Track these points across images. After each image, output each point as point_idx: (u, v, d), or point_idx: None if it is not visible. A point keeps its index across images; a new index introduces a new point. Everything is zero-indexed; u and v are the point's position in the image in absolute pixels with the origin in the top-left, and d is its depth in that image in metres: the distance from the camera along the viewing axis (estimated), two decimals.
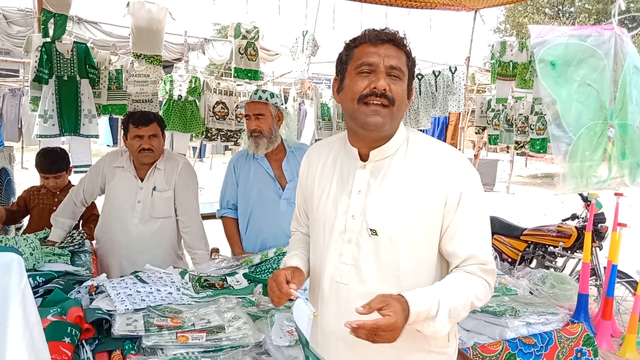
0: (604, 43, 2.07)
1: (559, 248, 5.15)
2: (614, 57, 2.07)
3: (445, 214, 1.50)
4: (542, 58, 1.99)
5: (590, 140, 2.04)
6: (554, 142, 2.04)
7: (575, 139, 2.02)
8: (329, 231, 1.59)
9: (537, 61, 2.00)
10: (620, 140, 2.11)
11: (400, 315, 1.32)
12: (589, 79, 2.01)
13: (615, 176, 2.16)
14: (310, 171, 1.71)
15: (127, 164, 3.04)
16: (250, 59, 5.82)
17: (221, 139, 6.09)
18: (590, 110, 2.02)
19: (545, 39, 1.99)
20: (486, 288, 1.51)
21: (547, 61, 1.98)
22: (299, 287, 1.56)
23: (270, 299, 1.57)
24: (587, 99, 2.02)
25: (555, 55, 1.98)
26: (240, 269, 2.73)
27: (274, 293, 1.54)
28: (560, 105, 1.97)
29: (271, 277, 1.58)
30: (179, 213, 3.08)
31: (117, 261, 3.02)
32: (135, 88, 5.41)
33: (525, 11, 24.33)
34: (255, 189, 3.12)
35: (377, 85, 1.45)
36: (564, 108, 1.98)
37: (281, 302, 1.54)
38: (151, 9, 5.16)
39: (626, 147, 2.12)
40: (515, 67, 5.86)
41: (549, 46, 1.99)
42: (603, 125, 2.06)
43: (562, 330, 2.43)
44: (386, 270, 1.51)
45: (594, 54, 2.02)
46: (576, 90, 2.01)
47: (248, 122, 3.09)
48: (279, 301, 1.54)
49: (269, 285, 1.57)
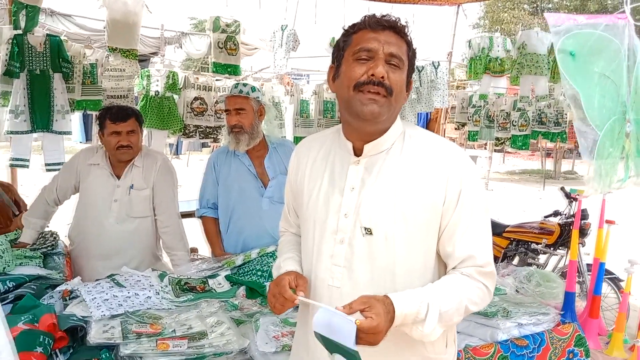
0: (619, 33, 2.01)
1: (541, 245, 5.15)
2: (627, 47, 2.01)
3: (444, 213, 1.42)
4: (561, 48, 1.91)
5: (612, 136, 1.98)
6: (581, 139, 1.97)
7: (601, 135, 1.95)
8: (320, 231, 1.50)
9: (557, 51, 1.92)
10: (635, 136, 2.05)
11: (383, 317, 1.25)
12: (607, 70, 1.94)
13: (632, 175, 2.10)
14: (300, 167, 1.62)
15: (102, 162, 2.90)
16: (230, 53, 5.69)
17: (199, 135, 5.95)
18: (611, 104, 1.96)
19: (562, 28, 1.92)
20: (483, 291, 1.43)
21: (567, 51, 1.91)
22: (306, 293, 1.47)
23: (271, 306, 1.48)
24: (607, 92, 1.96)
25: (574, 45, 1.91)
26: (222, 270, 2.63)
27: (276, 299, 1.45)
28: (583, 98, 1.90)
29: (273, 283, 1.49)
30: (157, 212, 2.96)
31: (91, 263, 2.88)
32: (110, 83, 5.25)
33: (504, 7, 24.50)
34: (237, 187, 3.01)
35: (375, 72, 1.37)
36: (587, 102, 1.91)
37: (284, 310, 1.45)
38: (127, 1, 4.99)
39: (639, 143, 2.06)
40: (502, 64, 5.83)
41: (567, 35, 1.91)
42: (622, 120, 2.00)
43: (553, 330, 2.39)
44: (381, 273, 1.43)
45: (610, 44, 1.95)
46: (597, 83, 1.94)
47: (228, 117, 2.98)
48: (282, 308, 1.45)
49: (271, 291, 1.48)
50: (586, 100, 1.91)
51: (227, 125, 3.00)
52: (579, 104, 1.92)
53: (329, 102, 5.78)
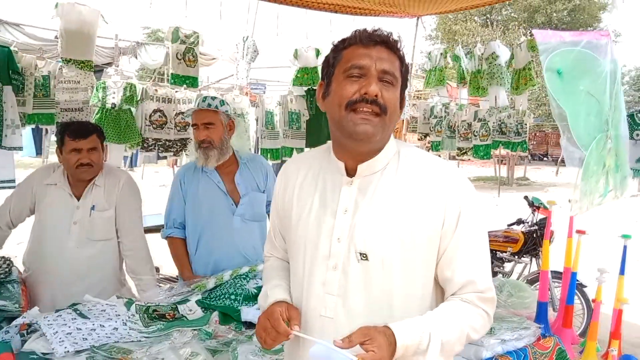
0: (601, 50, 2.02)
1: (506, 253, 5.21)
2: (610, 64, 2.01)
3: (443, 236, 1.35)
4: (548, 66, 1.90)
5: (597, 154, 1.97)
6: (568, 158, 1.95)
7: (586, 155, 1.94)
8: (311, 256, 1.41)
9: (545, 70, 1.91)
10: (614, 152, 2.05)
11: (385, 350, 1.18)
12: (592, 88, 1.95)
13: (611, 189, 2.10)
14: (288, 188, 1.51)
15: (61, 181, 2.71)
16: (189, 64, 5.55)
17: (159, 149, 5.75)
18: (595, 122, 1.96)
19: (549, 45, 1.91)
20: (484, 318, 1.37)
21: (554, 69, 1.90)
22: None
23: (261, 340, 1.38)
24: (592, 110, 1.95)
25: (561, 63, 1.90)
26: (192, 295, 2.49)
27: (267, 334, 1.35)
28: (570, 117, 1.89)
29: (263, 315, 1.39)
30: (120, 234, 2.78)
31: (49, 291, 2.67)
32: (65, 95, 5.02)
33: (456, 19, 25.10)
34: (206, 206, 2.87)
35: (368, 91, 1.29)
36: (574, 121, 1.90)
37: (275, 344, 1.35)
38: (82, 11, 4.81)
39: (618, 159, 2.06)
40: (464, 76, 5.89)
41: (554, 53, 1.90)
42: (605, 137, 2.00)
43: (535, 345, 2.37)
44: (377, 301, 1.34)
45: (593, 61, 1.97)
46: (582, 101, 1.94)
47: (196, 132, 2.84)
48: (273, 343, 1.35)
49: (260, 324, 1.38)
50: (572, 119, 1.91)
51: (194, 141, 2.85)
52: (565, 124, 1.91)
53: (294, 113, 5.70)
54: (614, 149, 2.08)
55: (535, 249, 5.07)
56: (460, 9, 6.13)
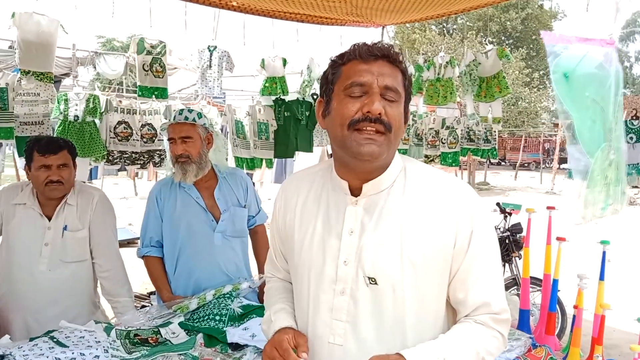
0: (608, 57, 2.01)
1: None
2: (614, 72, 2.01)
3: (455, 257, 1.29)
4: (555, 70, 1.89)
5: (601, 164, 1.96)
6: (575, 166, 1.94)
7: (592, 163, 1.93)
8: (317, 281, 1.34)
9: (552, 72, 1.89)
10: (616, 165, 2.05)
11: None
12: (598, 95, 1.94)
13: (611, 203, 2.10)
14: (289, 209, 1.44)
15: (30, 200, 2.55)
16: (156, 75, 5.40)
17: (125, 162, 5.58)
18: (600, 130, 1.95)
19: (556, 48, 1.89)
20: (499, 341, 1.32)
21: (560, 73, 1.88)
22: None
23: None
24: (598, 118, 1.95)
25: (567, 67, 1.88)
26: (174, 317, 2.37)
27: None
28: (576, 123, 1.87)
29: (270, 344, 1.31)
30: (95, 255, 2.64)
31: (20, 317, 2.51)
32: (24, 109, 4.80)
33: (413, 27, 25.49)
34: (184, 223, 2.74)
35: (371, 109, 1.23)
36: (580, 127, 1.88)
37: None
38: (40, 21, 4.62)
39: (618, 173, 2.06)
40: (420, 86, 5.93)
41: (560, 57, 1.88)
42: (609, 146, 1.99)
43: (527, 355, 2.35)
44: (389, 327, 1.28)
45: (600, 69, 1.96)
46: (588, 107, 1.93)
47: (173, 146, 2.72)
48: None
49: (268, 354, 1.30)
50: (579, 125, 1.89)
51: (171, 156, 2.74)
52: (572, 129, 1.89)
53: (263, 124, 5.61)
54: (616, 162, 2.08)
55: (508, 255, 5.11)
56: (423, 19, 6.19)
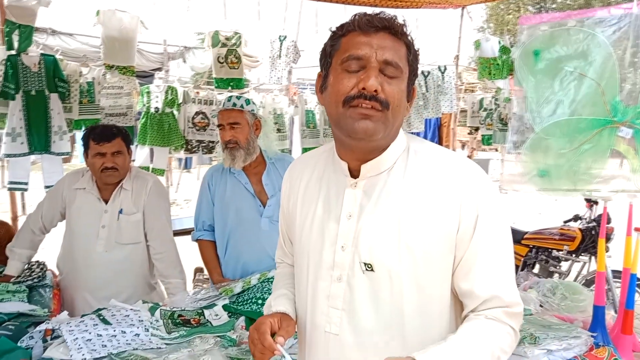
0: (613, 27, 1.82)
1: (563, 252, 4.91)
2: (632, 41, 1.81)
3: (458, 243, 1.18)
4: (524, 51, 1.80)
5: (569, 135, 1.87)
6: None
7: None
8: (315, 267, 1.28)
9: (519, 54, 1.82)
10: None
11: None
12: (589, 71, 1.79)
13: None
14: (292, 192, 1.39)
15: (89, 185, 2.71)
16: (232, 67, 5.53)
17: (202, 150, 5.79)
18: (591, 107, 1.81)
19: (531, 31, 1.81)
20: (512, 337, 1.20)
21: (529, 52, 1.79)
22: (287, 339, 1.26)
23: (252, 353, 1.26)
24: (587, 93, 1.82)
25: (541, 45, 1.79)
26: (219, 300, 2.42)
27: (255, 347, 1.24)
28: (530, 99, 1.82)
29: (253, 326, 1.28)
30: (149, 238, 2.75)
31: (81, 294, 2.68)
32: (109, 101, 5.13)
33: (508, 9, 24.24)
34: (233, 208, 2.79)
35: (366, 86, 1.13)
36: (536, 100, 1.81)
37: (265, 359, 1.23)
38: (122, 18, 4.90)
39: None
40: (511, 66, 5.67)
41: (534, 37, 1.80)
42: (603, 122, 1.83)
43: (586, 356, 2.15)
44: (387, 317, 1.20)
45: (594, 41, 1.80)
46: (560, 79, 1.82)
47: (222, 132, 2.76)
48: (262, 357, 1.23)
49: (250, 337, 1.27)
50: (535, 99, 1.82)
51: (220, 141, 2.79)
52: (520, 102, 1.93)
53: None
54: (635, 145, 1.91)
55: (594, 247, 4.73)
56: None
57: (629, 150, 2.10)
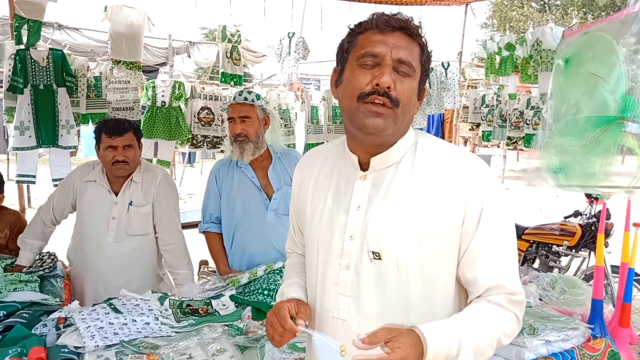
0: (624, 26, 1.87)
1: (563, 247, 4.97)
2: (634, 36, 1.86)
3: (464, 234, 1.25)
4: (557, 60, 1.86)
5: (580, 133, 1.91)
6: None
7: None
8: (325, 255, 1.34)
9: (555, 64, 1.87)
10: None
11: (410, 351, 1.11)
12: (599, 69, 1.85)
13: None
14: (303, 183, 1.46)
15: (99, 178, 2.78)
16: (235, 63, 5.62)
17: (207, 145, 5.86)
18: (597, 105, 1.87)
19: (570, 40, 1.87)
20: (514, 322, 1.26)
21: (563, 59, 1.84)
22: (306, 321, 1.32)
23: (270, 337, 1.33)
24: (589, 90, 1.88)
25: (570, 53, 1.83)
26: (226, 290, 2.49)
27: (275, 330, 1.30)
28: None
29: (271, 311, 1.34)
30: (158, 230, 2.83)
31: (91, 285, 2.76)
32: (116, 95, 5.20)
33: (512, 5, 24.21)
34: (240, 201, 2.86)
35: (380, 82, 1.20)
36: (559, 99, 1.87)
37: (283, 342, 1.30)
38: (129, 14, 4.95)
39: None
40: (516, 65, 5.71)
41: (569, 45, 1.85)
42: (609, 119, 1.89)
43: (584, 347, 2.21)
44: (392, 304, 1.27)
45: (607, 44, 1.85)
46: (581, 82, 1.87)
47: (232, 125, 2.82)
48: (281, 340, 1.30)
49: (269, 321, 1.33)
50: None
51: (229, 135, 2.85)
52: None
53: (338, 108, 5.66)
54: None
55: (594, 243, 4.79)
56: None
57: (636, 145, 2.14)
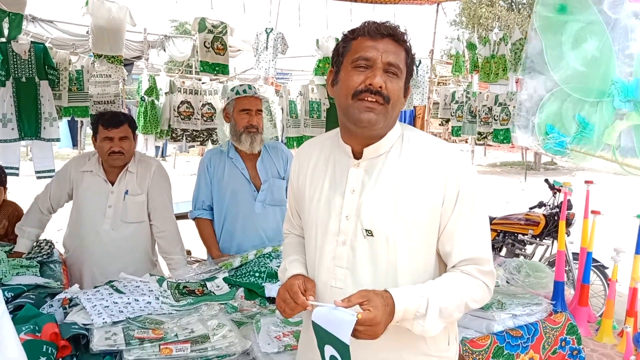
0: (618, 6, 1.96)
1: (528, 236, 5.25)
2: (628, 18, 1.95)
3: (443, 213, 1.45)
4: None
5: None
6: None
7: None
8: (322, 233, 1.54)
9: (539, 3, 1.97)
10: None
11: (381, 310, 1.29)
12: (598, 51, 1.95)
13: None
14: (302, 171, 1.65)
15: (96, 168, 2.90)
16: (217, 52, 5.69)
17: (187, 139, 5.97)
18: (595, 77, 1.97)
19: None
20: (483, 290, 1.47)
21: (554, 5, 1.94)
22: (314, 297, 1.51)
23: (281, 310, 1.50)
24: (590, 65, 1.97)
25: None
26: (219, 273, 2.65)
27: (287, 304, 1.47)
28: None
29: (282, 288, 1.52)
30: (152, 217, 2.97)
31: (88, 270, 2.88)
32: (97, 89, 5.27)
33: (481, 3, 24.71)
34: (230, 190, 3.03)
35: (372, 82, 1.40)
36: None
37: (294, 314, 1.48)
38: (111, 8, 5.02)
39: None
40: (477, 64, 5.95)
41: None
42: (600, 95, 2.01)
43: (546, 320, 2.45)
44: (383, 273, 1.47)
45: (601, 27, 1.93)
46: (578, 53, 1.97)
47: (247, 117, 2.97)
48: (292, 313, 1.47)
49: (281, 296, 1.50)
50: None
51: (237, 126, 2.98)
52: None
53: (315, 102, 5.82)
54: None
55: (557, 232, 5.07)
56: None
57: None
